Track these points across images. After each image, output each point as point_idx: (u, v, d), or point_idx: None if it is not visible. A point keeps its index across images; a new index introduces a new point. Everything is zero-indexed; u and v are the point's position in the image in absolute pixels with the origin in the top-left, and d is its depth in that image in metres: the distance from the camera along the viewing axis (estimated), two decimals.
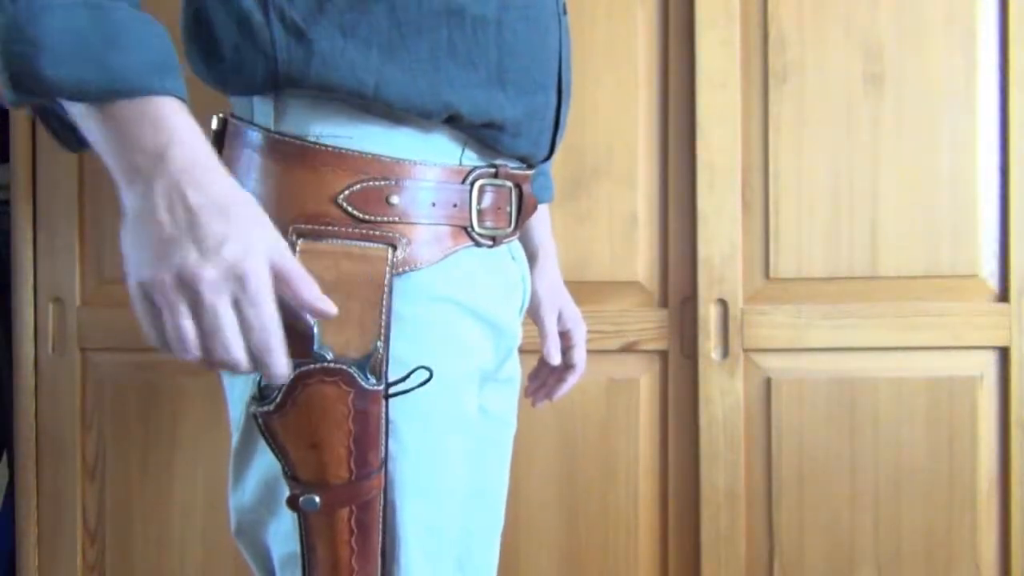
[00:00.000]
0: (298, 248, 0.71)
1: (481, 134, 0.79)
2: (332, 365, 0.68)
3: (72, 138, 0.69)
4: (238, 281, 0.58)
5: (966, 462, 1.39)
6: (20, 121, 1.47)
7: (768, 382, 1.41)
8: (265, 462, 0.75)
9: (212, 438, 1.46)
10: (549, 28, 0.84)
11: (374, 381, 0.70)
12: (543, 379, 1.12)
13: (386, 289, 0.72)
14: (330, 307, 0.64)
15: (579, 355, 1.09)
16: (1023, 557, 1.38)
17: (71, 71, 0.57)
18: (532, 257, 1.07)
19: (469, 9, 0.75)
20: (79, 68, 0.57)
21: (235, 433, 0.78)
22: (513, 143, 0.82)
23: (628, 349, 1.42)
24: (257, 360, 0.60)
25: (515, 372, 0.96)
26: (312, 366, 0.67)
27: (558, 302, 1.08)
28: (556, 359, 1.06)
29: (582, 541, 1.44)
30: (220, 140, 0.78)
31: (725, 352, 1.40)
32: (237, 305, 0.59)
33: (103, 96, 0.58)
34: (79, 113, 0.61)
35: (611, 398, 1.43)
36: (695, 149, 1.40)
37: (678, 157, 1.42)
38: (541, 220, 1.10)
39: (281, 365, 0.61)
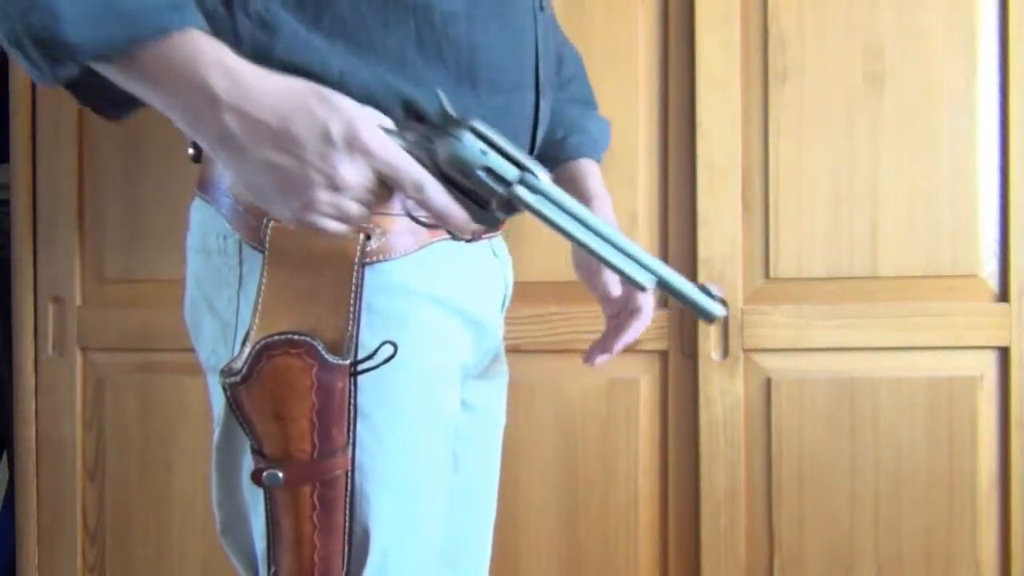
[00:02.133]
0: (270, 224, 0.71)
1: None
2: (296, 337, 0.68)
3: (110, 106, 0.70)
4: (361, 152, 0.63)
5: (966, 462, 1.39)
6: (20, 121, 1.47)
7: (768, 382, 1.41)
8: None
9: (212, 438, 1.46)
10: (524, 25, 0.82)
11: (339, 357, 0.70)
12: (603, 338, 1.03)
13: (356, 268, 0.72)
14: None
15: (645, 298, 1.00)
16: (1023, 557, 1.38)
17: (93, 30, 0.59)
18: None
19: (438, 4, 0.74)
20: (99, 25, 0.59)
21: (216, 428, 0.78)
22: None
23: (628, 349, 1.41)
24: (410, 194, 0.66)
25: (502, 369, 0.95)
26: (277, 338, 0.68)
27: None
28: (617, 291, 0.97)
29: (582, 541, 1.43)
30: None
31: (725, 352, 1.40)
32: (372, 167, 0.64)
33: (128, 46, 0.60)
34: (113, 71, 0.62)
35: (611, 398, 1.43)
36: (695, 149, 1.40)
37: (678, 157, 1.42)
38: (591, 174, 1.02)
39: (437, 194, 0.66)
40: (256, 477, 0.70)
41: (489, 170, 0.65)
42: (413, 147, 0.66)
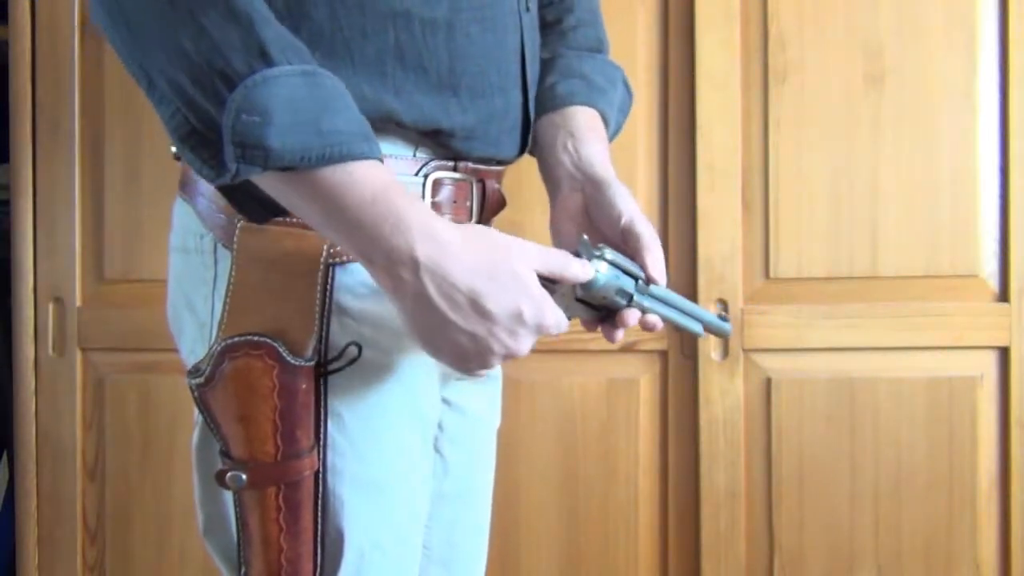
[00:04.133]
0: (240, 224, 0.71)
1: (428, 140, 0.77)
2: (257, 339, 0.68)
3: (260, 207, 0.71)
4: (544, 332, 0.67)
5: (966, 462, 1.39)
6: (20, 121, 1.47)
7: (768, 382, 1.41)
8: None
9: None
10: (508, 27, 0.81)
11: (302, 358, 0.70)
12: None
13: (322, 266, 0.71)
14: (588, 270, 0.71)
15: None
16: (1023, 557, 1.38)
17: (295, 139, 0.61)
18: (599, 183, 0.83)
19: (417, 12, 0.73)
20: (301, 136, 0.61)
21: (195, 428, 0.78)
22: (467, 146, 0.79)
23: (628, 349, 1.42)
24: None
25: (495, 372, 0.94)
26: (237, 339, 0.68)
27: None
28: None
29: (582, 541, 1.44)
30: None
31: (725, 352, 1.40)
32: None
33: (318, 163, 0.62)
34: (284, 182, 0.64)
35: (611, 398, 1.43)
36: (695, 149, 1.40)
37: (678, 157, 1.42)
38: (574, 116, 0.87)
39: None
40: (221, 478, 0.70)
41: (620, 289, 0.75)
42: (562, 291, 0.73)
